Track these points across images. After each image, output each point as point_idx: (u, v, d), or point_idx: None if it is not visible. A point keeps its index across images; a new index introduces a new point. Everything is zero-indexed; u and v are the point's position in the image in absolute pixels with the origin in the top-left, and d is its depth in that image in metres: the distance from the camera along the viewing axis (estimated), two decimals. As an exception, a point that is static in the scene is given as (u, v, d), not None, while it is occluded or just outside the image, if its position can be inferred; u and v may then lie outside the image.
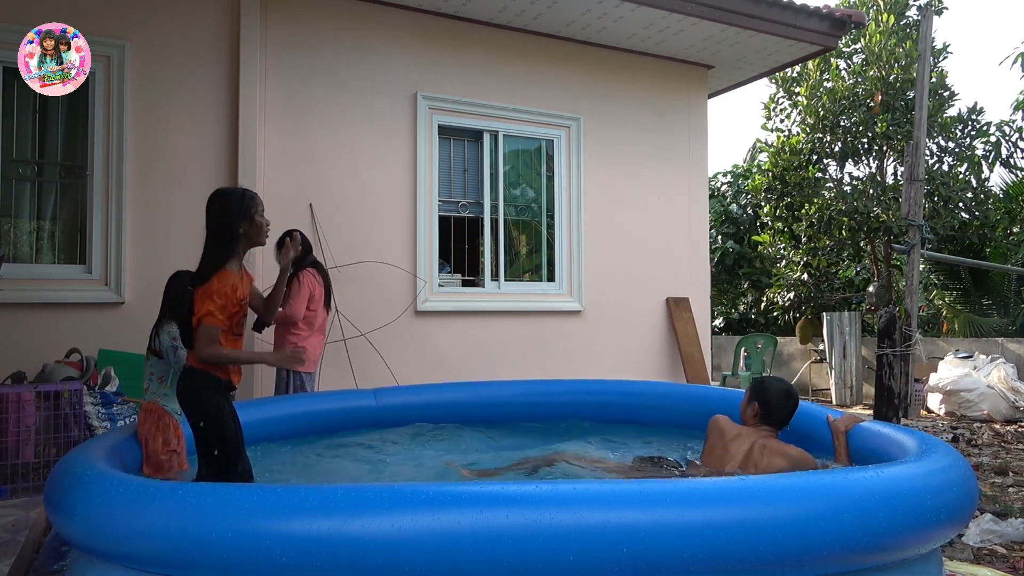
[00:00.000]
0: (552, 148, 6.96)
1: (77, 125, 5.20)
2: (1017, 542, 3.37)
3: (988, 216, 10.39)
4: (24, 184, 5.14)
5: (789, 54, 7.38)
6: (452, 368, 6.18)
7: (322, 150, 5.85)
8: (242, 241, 2.88)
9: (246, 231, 2.87)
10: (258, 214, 2.92)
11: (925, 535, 2.05)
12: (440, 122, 6.37)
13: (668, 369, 7.29)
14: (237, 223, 2.85)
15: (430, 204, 6.28)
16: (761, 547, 1.78)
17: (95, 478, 2.10)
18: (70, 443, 3.83)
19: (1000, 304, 10.83)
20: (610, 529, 1.74)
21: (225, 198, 2.90)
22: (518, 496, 1.81)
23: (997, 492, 4.35)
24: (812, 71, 10.21)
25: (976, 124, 10.40)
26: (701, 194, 7.65)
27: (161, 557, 1.86)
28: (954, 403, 7.87)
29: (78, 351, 4.48)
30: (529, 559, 1.72)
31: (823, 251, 10.56)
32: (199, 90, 5.44)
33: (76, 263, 5.19)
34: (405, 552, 1.72)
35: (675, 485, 1.99)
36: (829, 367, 9.48)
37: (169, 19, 5.37)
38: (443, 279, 6.47)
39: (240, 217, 2.85)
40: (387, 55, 6.13)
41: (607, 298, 7.03)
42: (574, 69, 6.94)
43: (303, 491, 1.87)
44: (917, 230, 7.40)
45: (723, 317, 13.43)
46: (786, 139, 10.31)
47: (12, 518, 3.33)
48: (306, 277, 4.66)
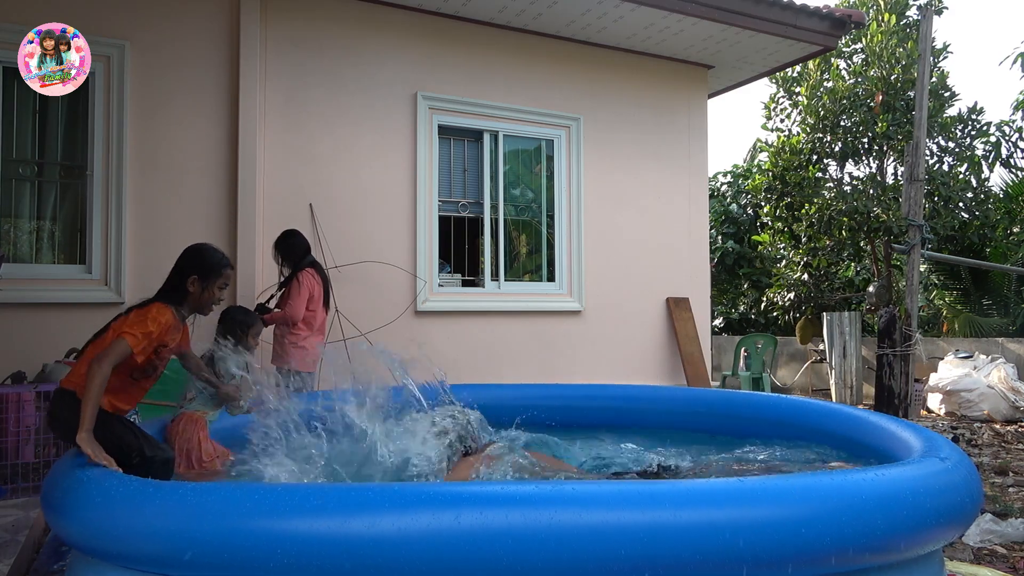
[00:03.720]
0: (552, 148, 6.97)
1: (77, 125, 5.20)
2: (1017, 542, 3.37)
3: (988, 216, 10.39)
4: (24, 184, 5.14)
5: (789, 54, 7.38)
6: (452, 368, 6.15)
7: (322, 150, 5.85)
8: (188, 300, 2.87)
9: (195, 291, 2.86)
10: (217, 286, 2.90)
11: (927, 536, 2.04)
12: (440, 122, 6.37)
13: (668, 369, 7.29)
14: (188, 277, 2.84)
15: (430, 204, 6.28)
16: (761, 548, 1.78)
17: (93, 478, 2.09)
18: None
19: (1000, 304, 10.83)
20: (609, 530, 1.74)
21: (198, 254, 2.92)
22: (518, 497, 1.81)
23: (997, 492, 4.35)
24: (812, 71, 10.20)
25: (976, 124, 10.39)
26: (701, 194, 7.65)
27: (161, 557, 1.86)
28: (954, 403, 7.87)
29: (78, 351, 4.48)
30: (529, 560, 1.72)
31: (823, 251, 10.55)
32: (199, 90, 5.44)
33: (76, 263, 5.19)
34: (405, 552, 1.72)
35: (673, 486, 1.98)
36: (829, 367, 9.47)
37: (169, 19, 5.37)
38: (443, 279, 6.47)
39: (198, 274, 2.85)
40: (387, 55, 6.13)
41: (607, 298, 7.03)
42: (574, 69, 6.94)
43: (303, 490, 1.87)
44: (917, 230, 7.42)
45: (723, 317, 13.43)
46: (786, 139, 10.30)
47: (12, 518, 3.33)
48: (305, 277, 4.66)
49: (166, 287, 2.90)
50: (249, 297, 5.27)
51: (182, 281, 2.86)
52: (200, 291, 2.87)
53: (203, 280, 2.87)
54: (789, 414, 4.03)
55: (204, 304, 2.92)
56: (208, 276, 2.87)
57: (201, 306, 2.92)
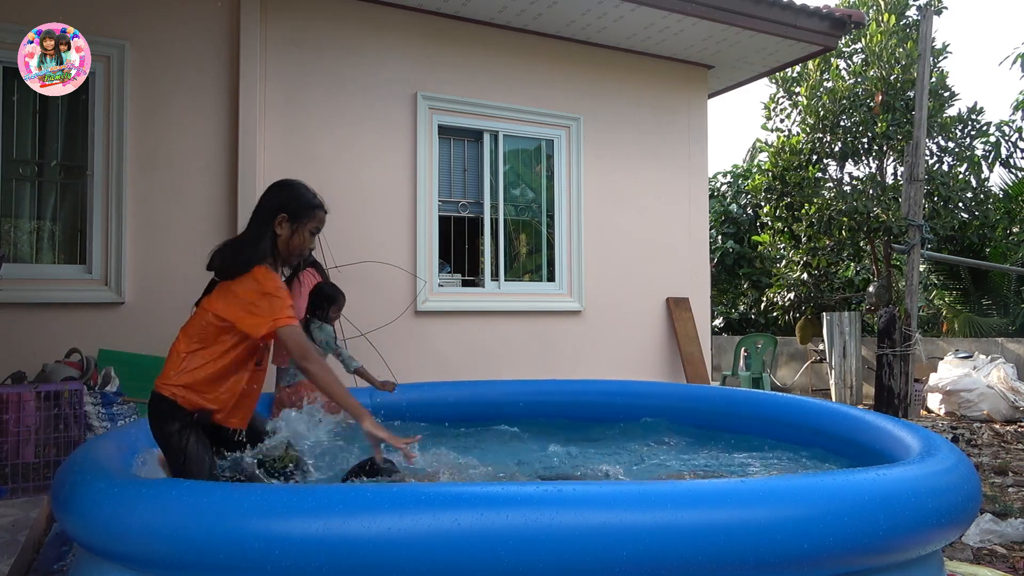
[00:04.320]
0: (552, 148, 6.97)
1: (77, 125, 5.20)
2: (1017, 542, 3.37)
3: (988, 216, 10.40)
4: (24, 184, 5.14)
5: (789, 54, 7.38)
6: (452, 368, 6.18)
7: (322, 150, 5.85)
8: (276, 247, 2.42)
9: (283, 234, 2.42)
10: (308, 230, 2.45)
11: (926, 537, 2.04)
12: (440, 122, 6.37)
13: (668, 369, 7.29)
14: (276, 216, 2.39)
15: (430, 204, 6.28)
16: (761, 548, 1.78)
17: (104, 477, 2.08)
18: (70, 443, 3.83)
19: (1000, 304, 10.84)
20: (608, 530, 1.74)
21: (288, 188, 2.47)
22: (518, 497, 1.81)
23: (997, 492, 4.35)
24: (812, 71, 10.20)
25: (976, 124, 10.40)
26: (701, 194, 7.65)
27: (166, 558, 1.86)
28: (954, 403, 7.87)
29: (78, 351, 4.48)
30: (529, 560, 1.72)
31: (823, 251, 10.55)
32: (199, 90, 5.44)
33: (76, 263, 5.19)
34: (404, 553, 1.72)
35: (673, 486, 1.98)
36: (829, 367, 9.47)
37: (169, 19, 5.37)
38: (443, 279, 6.47)
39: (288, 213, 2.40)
40: (387, 55, 6.13)
41: (607, 298, 7.03)
42: (574, 69, 6.94)
43: (305, 491, 1.87)
44: (917, 230, 7.43)
45: (723, 317, 13.43)
46: (786, 139, 10.30)
47: (12, 518, 3.33)
48: (306, 277, 4.66)
49: (248, 239, 2.40)
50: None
51: (268, 223, 2.40)
52: (289, 234, 2.41)
53: (293, 220, 2.41)
54: (788, 413, 4.03)
55: (292, 251, 2.44)
56: (299, 215, 2.42)
57: (289, 254, 2.45)
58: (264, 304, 2.27)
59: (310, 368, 2.30)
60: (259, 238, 2.39)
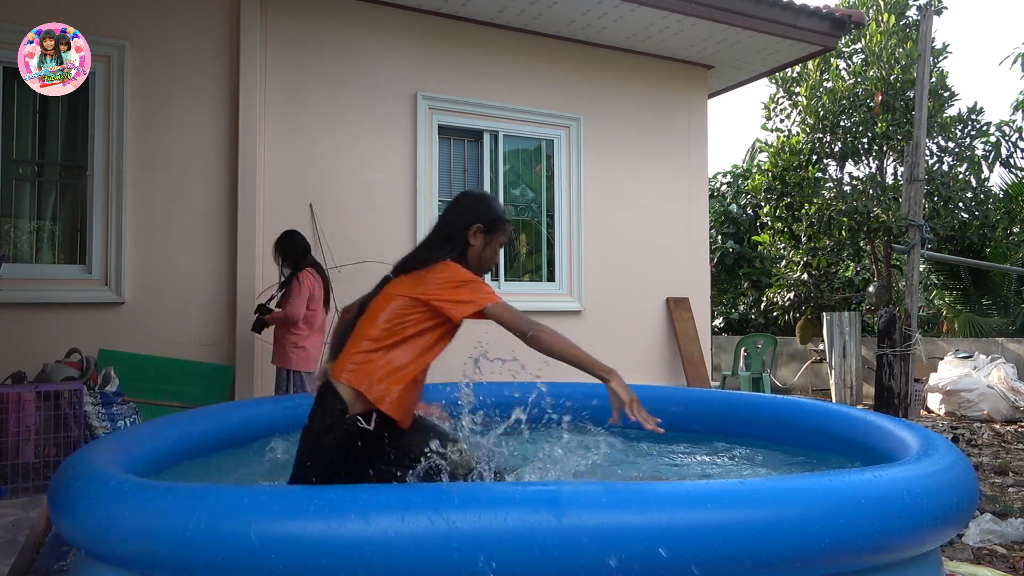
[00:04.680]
0: (552, 148, 6.97)
1: (77, 125, 5.20)
2: (1017, 542, 3.37)
3: (988, 216, 10.40)
4: (24, 184, 5.14)
5: (789, 54, 7.38)
6: (452, 368, 6.16)
7: (322, 150, 5.85)
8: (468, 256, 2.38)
9: (477, 245, 2.37)
10: (499, 243, 2.42)
11: (924, 536, 2.04)
12: (440, 122, 6.37)
13: (668, 369, 7.29)
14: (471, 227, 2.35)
15: (430, 204, 6.28)
16: (759, 548, 1.78)
17: (101, 480, 2.08)
18: (70, 443, 3.83)
19: (1000, 304, 10.84)
20: (607, 531, 1.74)
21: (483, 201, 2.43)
22: (517, 497, 1.81)
23: (997, 492, 4.35)
24: (812, 71, 10.21)
25: (976, 124, 10.40)
26: (701, 194, 7.65)
27: (165, 560, 1.86)
28: (954, 403, 7.87)
29: (78, 351, 4.48)
30: (528, 561, 1.72)
31: (823, 251, 10.55)
32: (199, 90, 5.44)
33: (76, 263, 5.19)
34: (404, 554, 1.72)
35: (672, 487, 1.99)
36: (829, 367, 9.47)
37: (169, 19, 5.38)
38: (443, 279, 6.46)
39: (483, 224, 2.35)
40: (387, 55, 6.14)
41: (607, 298, 7.03)
42: (574, 69, 6.94)
43: (305, 492, 1.87)
44: (917, 230, 7.43)
45: (723, 317, 13.43)
46: (786, 139, 10.30)
47: (12, 518, 3.33)
48: (306, 277, 4.67)
49: (437, 239, 2.37)
50: (249, 297, 5.27)
51: (462, 231, 2.35)
52: (482, 245, 2.38)
53: (488, 232, 2.37)
54: (787, 414, 4.03)
55: (485, 263, 2.41)
56: (495, 228, 2.38)
57: (480, 264, 2.41)
58: (465, 289, 2.27)
59: (540, 335, 2.22)
60: (449, 243, 2.37)
